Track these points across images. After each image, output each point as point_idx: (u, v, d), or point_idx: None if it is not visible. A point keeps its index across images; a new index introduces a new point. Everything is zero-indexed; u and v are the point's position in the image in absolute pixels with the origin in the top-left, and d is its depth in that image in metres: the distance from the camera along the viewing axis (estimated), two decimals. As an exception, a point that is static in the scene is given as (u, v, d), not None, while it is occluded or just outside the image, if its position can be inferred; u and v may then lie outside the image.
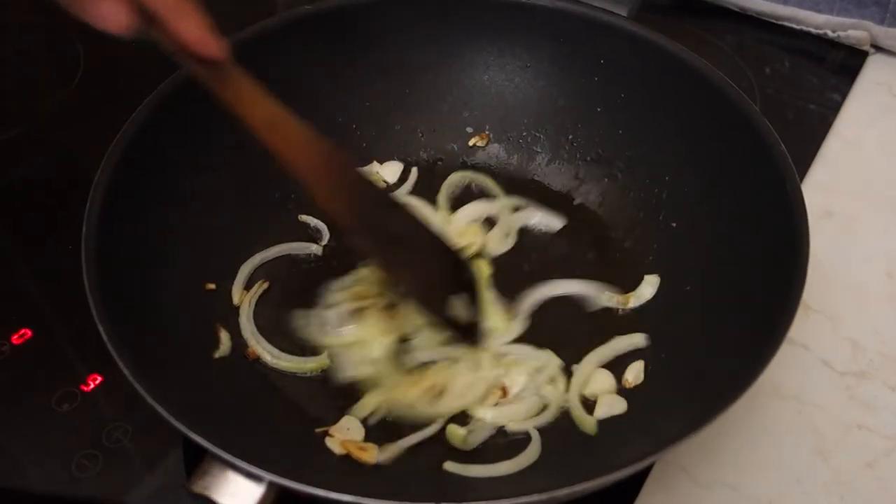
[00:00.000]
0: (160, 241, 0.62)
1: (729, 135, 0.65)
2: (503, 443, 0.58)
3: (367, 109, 0.76)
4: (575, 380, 0.61)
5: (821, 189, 0.77)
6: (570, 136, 0.76)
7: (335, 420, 0.59)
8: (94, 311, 0.51)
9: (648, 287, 0.67)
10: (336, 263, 0.69)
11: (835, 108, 0.87)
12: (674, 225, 0.68)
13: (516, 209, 0.73)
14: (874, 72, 0.89)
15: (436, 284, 0.63)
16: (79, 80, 0.89)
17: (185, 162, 0.65)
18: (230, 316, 0.64)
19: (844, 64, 0.91)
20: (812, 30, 0.92)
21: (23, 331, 0.66)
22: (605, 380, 0.61)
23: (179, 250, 0.63)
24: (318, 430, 0.58)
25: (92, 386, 0.63)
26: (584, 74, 0.74)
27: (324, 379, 0.62)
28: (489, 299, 0.66)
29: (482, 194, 0.75)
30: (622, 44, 0.71)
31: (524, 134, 0.77)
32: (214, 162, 0.67)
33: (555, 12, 0.73)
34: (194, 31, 0.50)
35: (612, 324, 0.65)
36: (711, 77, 0.67)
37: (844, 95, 0.88)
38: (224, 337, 0.62)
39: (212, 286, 0.65)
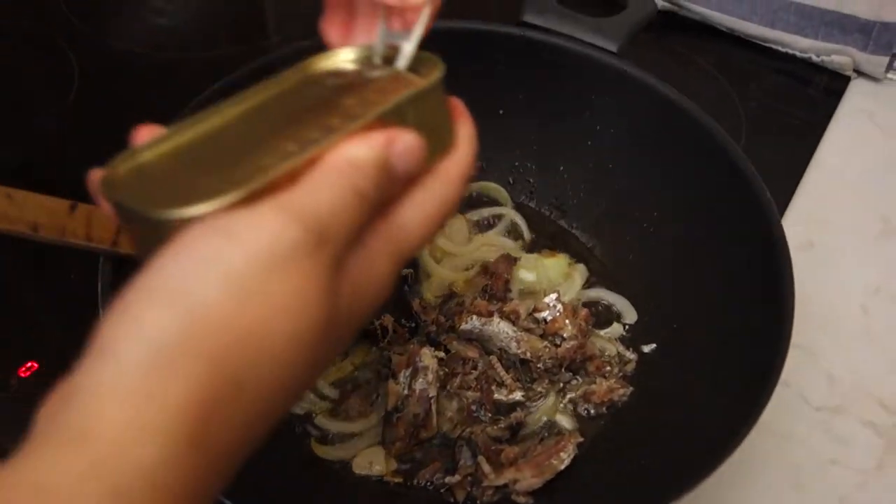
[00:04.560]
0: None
1: (714, 175, 0.67)
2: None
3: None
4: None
5: (803, 219, 0.80)
6: (561, 168, 0.78)
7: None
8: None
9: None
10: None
11: (818, 134, 0.89)
12: (663, 261, 0.71)
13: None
14: (856, 98, 0.92)
15: None
16: (74, 95, 0.89)
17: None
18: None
19: (828, 87, 0.93)
20: (797, 53, 0.94)
21: (29, 363, 0.68)
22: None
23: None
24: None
25: (98, 420, 0.64)
26: (575, 108, 0.76)
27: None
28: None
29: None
30: (612, 81, 0.73)
31: (515, 164, 0.79)
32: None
33: (546, 46, 0.74)
34: None
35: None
36: (698, 118, 0.69)
37: (828, 121, 0.90)
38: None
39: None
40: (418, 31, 0.40)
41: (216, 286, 0.29)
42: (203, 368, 0.29)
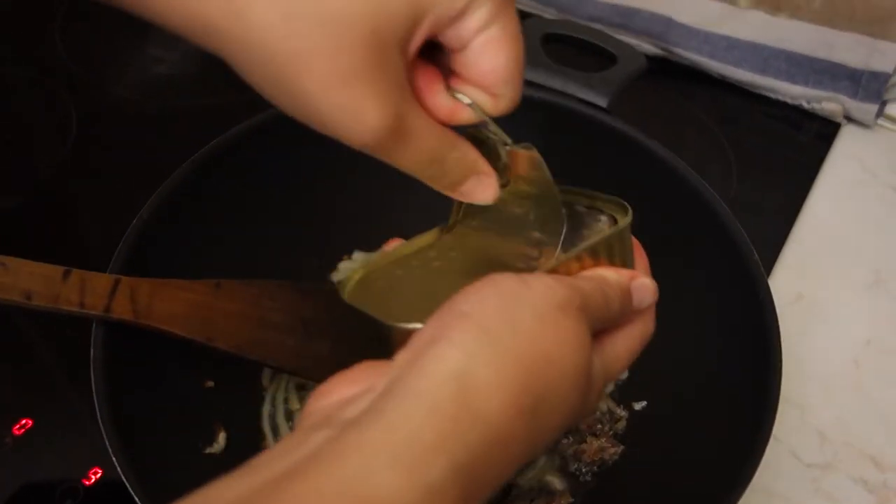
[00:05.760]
0: (162, 341, 0.64)
1: (703, 234, 0.68)
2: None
3: (355, 200, 0.78)
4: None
5: (793, 270, 0.80)
6: (553, 220, 0.78)
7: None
8: (103, 430, 0.53)
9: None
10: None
11: (809, 180, 0.89)
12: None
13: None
14: (847, 144, 0.92)
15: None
16: (73, 143, 0.90)
17: (185, 264, 0.67)
18: (232, 412, 0.66)
19: (819, 134, 0.94)
20: (788, 100, 0.95)
21: (24, 420, 0.68)
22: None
23: (178, 349, 0.65)
24: None
25: (93, 479, 0.65)
26: (567, 162, 0.76)
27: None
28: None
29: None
30: (601, 136, 0.74)
31: (508, 216, 0.80)
32: (214, 259, 0.69)
33: (537, 103, 0.75)
34: None
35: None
36: (686, 175, 0.70)
37: (819, 167, 0.91)
38: (221, 436, 0.64)
39: (210, 384, 0.67)
40: (490, 124, 0.47)
41: (527, 314, 0.36)
42: (524, 377, 0.34)
